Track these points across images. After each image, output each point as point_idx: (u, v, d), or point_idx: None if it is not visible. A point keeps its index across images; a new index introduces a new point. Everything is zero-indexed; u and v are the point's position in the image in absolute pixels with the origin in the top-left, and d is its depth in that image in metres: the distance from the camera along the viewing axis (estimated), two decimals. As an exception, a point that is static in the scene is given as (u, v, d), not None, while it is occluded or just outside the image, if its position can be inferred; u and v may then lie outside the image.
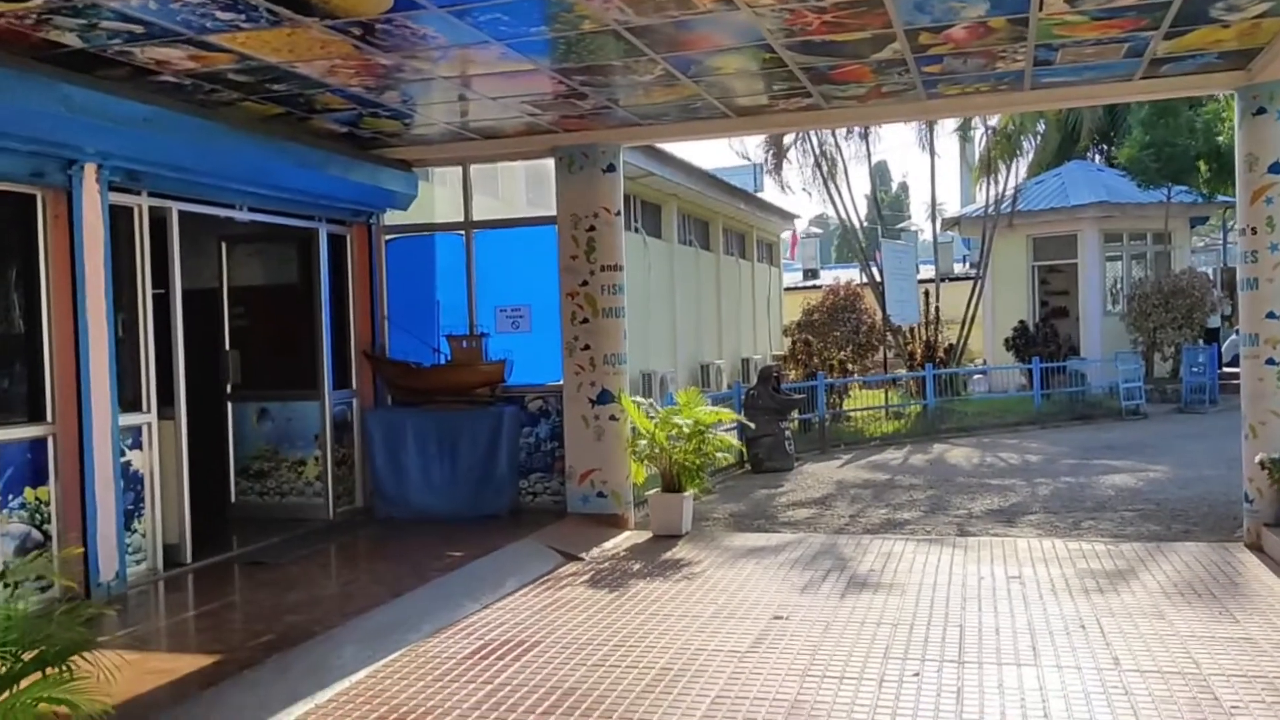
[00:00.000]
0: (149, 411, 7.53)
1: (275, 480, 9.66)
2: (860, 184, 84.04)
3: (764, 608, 6.65)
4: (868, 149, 23.04)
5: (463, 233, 10.06)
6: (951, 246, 33.13)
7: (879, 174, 30.06)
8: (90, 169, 6.86)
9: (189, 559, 7.79)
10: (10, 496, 6.50)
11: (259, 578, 7.60)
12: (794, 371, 18.89)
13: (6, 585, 3.89)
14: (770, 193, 29.38)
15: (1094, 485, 11.73)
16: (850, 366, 20.19)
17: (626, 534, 9.19)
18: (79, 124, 6.53)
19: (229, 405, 9.79)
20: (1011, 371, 21.77)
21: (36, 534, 6.66)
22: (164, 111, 7.16)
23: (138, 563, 7.42)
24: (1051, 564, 7.65)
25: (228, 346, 9.91)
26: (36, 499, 6.67)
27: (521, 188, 13.13)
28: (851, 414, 18.23)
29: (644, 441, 9.14)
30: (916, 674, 5.30)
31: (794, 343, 20.44)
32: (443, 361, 9.85)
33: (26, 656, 3.12)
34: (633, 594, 7.10)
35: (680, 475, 9.12)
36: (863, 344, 20.97)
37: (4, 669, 3.16)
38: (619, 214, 9.54)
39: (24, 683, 3.09)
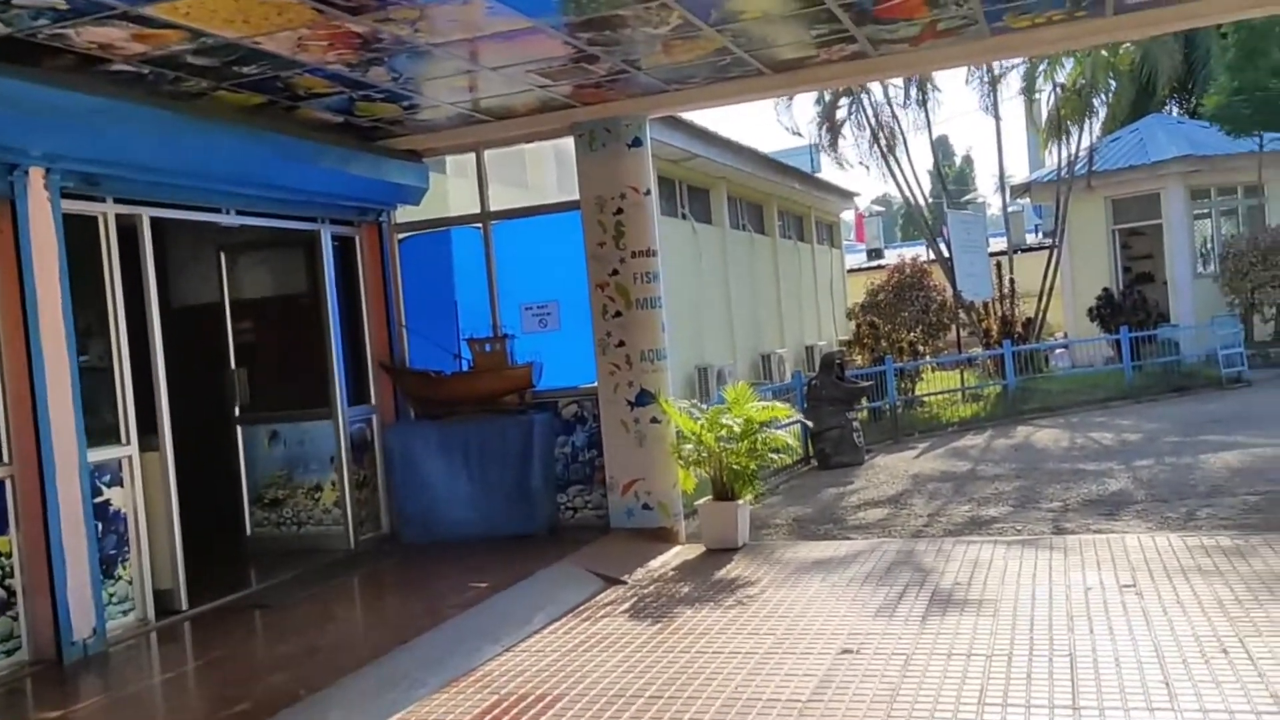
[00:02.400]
0: (128, 443, 6.71)
1: (291, 508, 8.81)
2: (922, 158, 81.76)
3: (830, 637, 5.62)
4: (927, 117, 21.81)
5: (480, 225, 9.14)
6: (1022, 216, 31.63)
7: (941, 148, 28.61)
8: (36, 173, 6.01)
9: (184, 605, 6.95)
10: (-36, 549, 5.73)
11: (256, 624, 6.76)
12: (860, 356, 17.74)
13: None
14: (828, 171, 28.17)
15: (1203, 466, 10.46)
16: (921, 348, 18.94)
17: (676, 549, 8.20)
18: (8, 120, 5.70)
19: (238, 428, 8.98)
20: (1098, 344, 20.31)
21: (-1, 590, 5.90)
22: (116, 102, 6.31)
23: (124, 613, 6.59)
24: (1171, 566, 6.47)
25: (233, 365, 9.10)
26: (-4, 550, 5.90)
27: (552, 172, 12.16)
28: (925, 399, 17.10)
29: (690, 445, 8.15)
30: (1022, 727, 4.24)
31: (859, 326, 19.24)
32: (465, 368, 8.94)
33: None
34: (678, 625, 6.11)
35: (733, 481, 8.10)
36: (933, 323, 19.67)
37: None
38: (649, 193, 8.54)
39: None
